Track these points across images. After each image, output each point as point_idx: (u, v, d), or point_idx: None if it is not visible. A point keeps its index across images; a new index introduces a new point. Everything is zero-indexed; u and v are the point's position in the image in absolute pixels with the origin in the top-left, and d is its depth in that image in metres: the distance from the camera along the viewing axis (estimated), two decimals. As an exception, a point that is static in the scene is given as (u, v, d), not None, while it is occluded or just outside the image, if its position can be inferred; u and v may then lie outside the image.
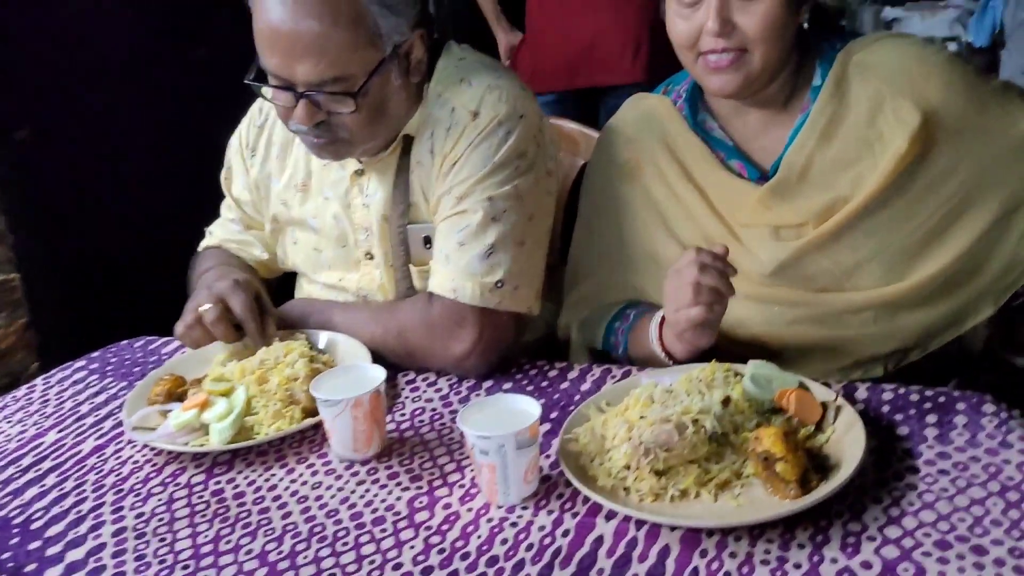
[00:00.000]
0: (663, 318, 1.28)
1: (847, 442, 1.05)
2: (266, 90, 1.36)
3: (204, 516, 1.12)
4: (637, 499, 1.03)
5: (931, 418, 1.12)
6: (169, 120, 2.82)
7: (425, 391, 1.36)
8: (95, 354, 1.62)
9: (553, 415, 1.25)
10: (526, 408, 1.08)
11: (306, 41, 1.27)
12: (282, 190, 1.57)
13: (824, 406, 1.11)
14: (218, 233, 1.69)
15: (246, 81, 1.38)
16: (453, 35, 1.57)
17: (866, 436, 1.04)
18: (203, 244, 1.70)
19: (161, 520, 1.13)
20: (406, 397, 1.35)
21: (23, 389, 1.53)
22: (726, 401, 1.08)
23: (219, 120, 1.67)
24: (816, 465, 1.03)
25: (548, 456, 1.15)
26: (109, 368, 1.56)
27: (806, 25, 1.34)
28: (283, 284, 1.72)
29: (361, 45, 1.30)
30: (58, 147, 2.68)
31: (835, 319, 1.31)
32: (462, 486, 1.12)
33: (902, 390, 1.20)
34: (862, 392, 1.21)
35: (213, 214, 1.72)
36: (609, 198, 1.49)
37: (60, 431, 1.37)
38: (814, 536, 0.96)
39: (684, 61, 1.34)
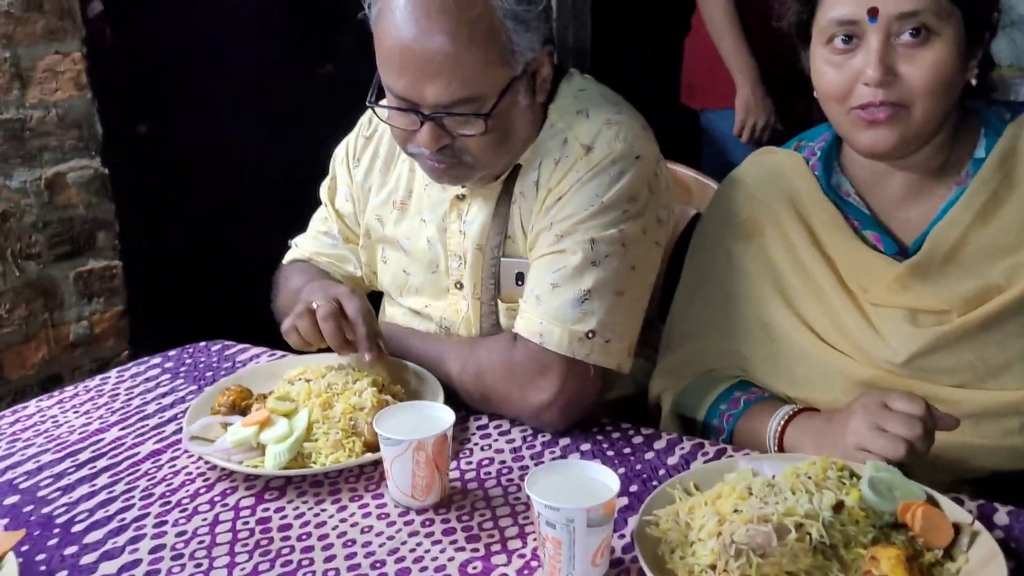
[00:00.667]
0: (789, 416, 1.18)
1: (989, 572, 0.89)
2: (386, 112, 1.29)
3: (246, 546, 1.05)
4: None
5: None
6: (286, 131, 2.85)
7: (496, 440, 1.27)
8: (172, 352, 1.59)
9: (633, 488, 1.13)
10: (604, 480, 0.97)
11: (438, 61, 1.19)
12: (379, 205, 1.51)
13: (957, 528, 0.95)
14: (306, 246, 1.62)
15: (368, 104, 1.31)
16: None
17: (1008, 573, 0.88)
18: (289, 256, 1.64)
19: (201, 543, 1.06)
20: (475, 444, 1.26)
21: (96, 379, 1.51)
22: (838, 506, 0.93)
23: (335, 136, 1.63)
24: None
25: (622, 536, 1.03)
26: (183, 369, 1.53)
27: (974, 81, 1.19)
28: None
29: (494, 63, 1.22)
30: (175, 145, 2.74)
31: (972, 423, 1.14)
32: (522, 556, 1.01)
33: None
34: (1002, 516, 1.04)
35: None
36: (721, 256, 1.36)
37: (123, 428, 1.34)
38: None
39: (831, 114, 1.21)
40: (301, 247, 1.63)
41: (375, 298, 1.63)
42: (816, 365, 1.25)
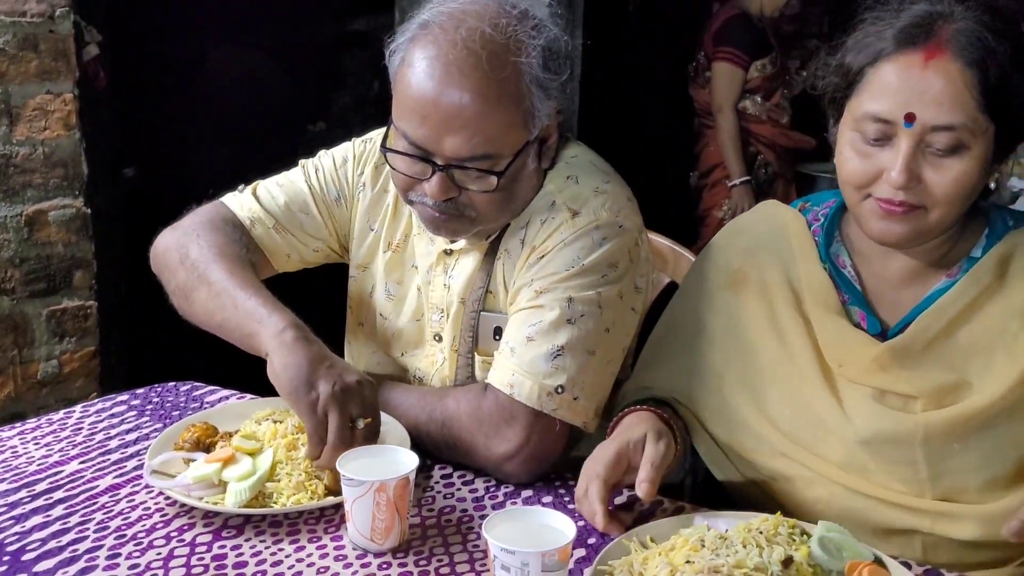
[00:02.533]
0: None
1: None
2: (398, 158, 1.30)
3: (198, 581, 1.04)
4: None
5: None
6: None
7: (460, 489, 1.27)
8: (140, 391, 1.58)
9: (591, 540, 1.14)
10: (560, 527, 0.98)
11: (465, 116, 1.22)
12: (373, 243, 1.50)
13: None
14: (254, 207, 1.48)
15: (382, 148, 1.32)
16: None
17: None
18: (227, 203, 1.51)
19: (153, 576, 1.05)
20: (438, 492, 1.26)
21: (61, 413, 1.50)
22: (787, 562, 0.95)
23: None
24: None
25: (577, 585, 1.04)
26: (150, 407, 1.52)
27: (993, 185, 1.21)
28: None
29: (516, 124, 1.26)
30: (161, 191, 2.76)
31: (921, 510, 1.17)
32: (477, 602, 1.01)
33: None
34: (946, 582, 1.06)
35: (285, 281, 1.55)
36: (704, 301, 1.38)
37: (83, 462, 1.33)
38: None
39: (848, 197, 1.21)
40: (251, 202, 1.49)
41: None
42: (751, 430, 1.28)
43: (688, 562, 0.95)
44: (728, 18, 3.59)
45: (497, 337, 1.39)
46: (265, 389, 1.33)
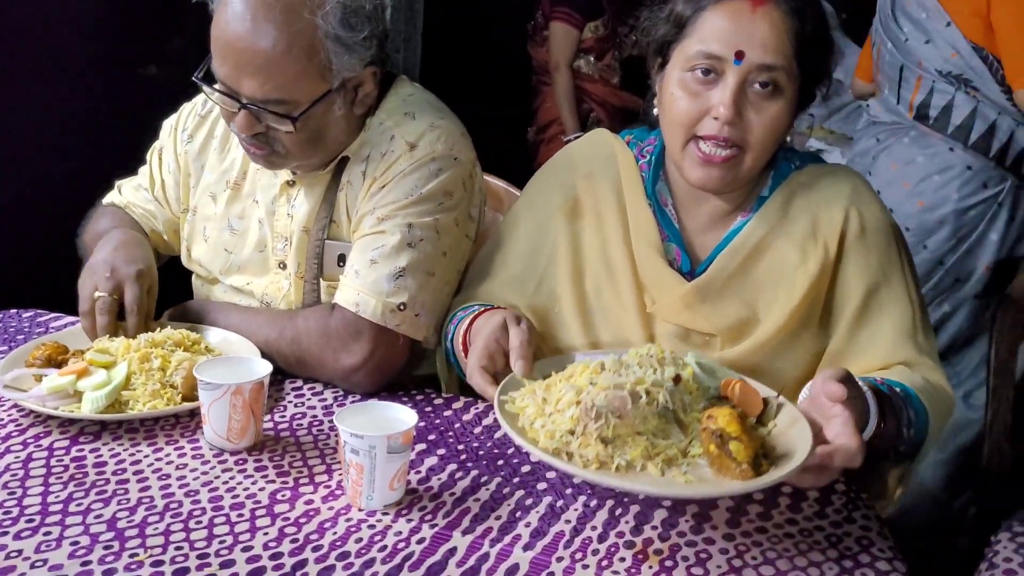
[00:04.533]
0: (471, 322, 1.30)
1: (793, 435, 1.06)
2: (210, 91, 1.39)
3: (60, 478, 1.10)
4: (581, 465, 1.02)
5: (787, 489, 1.17)
6: (101, 129, 2.80)
7: (309, 399, 1.37)
8: (-20, 318, 1.58)
9: (431, 437, 1.27)
10: (402, 417, 1.10)
11: (258, 61, 1.31)
12: (212, 183, 1.58)
13: (765, 402, 1.12)
14: (126, 194, 1.68)
15: (193, 78, 1.40)
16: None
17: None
18: (108, 198, 1.70)
19: (14, 475, 1.10)
20: (289, 402, 1.35)
21: None
22: (677, 379, 1.08)
23: (153, 138, 1.68)
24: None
25: (418, 471, 1.17)
26: (-9, 333, 1.52)
27: (789, 139, 1.35)
28: (180, 282, 1.71)
29: (310, 75, 1.35)
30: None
31: None
32: (328, 487, 1.12)
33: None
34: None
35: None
36: (542, 218, 1.43)
37: (-75, 383, 1.33)
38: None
39: (672, 140, 1.30)
40: (123, 193, 1.69)
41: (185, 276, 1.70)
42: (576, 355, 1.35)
43: (592, 383, 1.06)
44: (564, -21, 3.75)
45: (341, 264, 1.49)
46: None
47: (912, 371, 1.29)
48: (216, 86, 1.38)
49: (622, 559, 1.01)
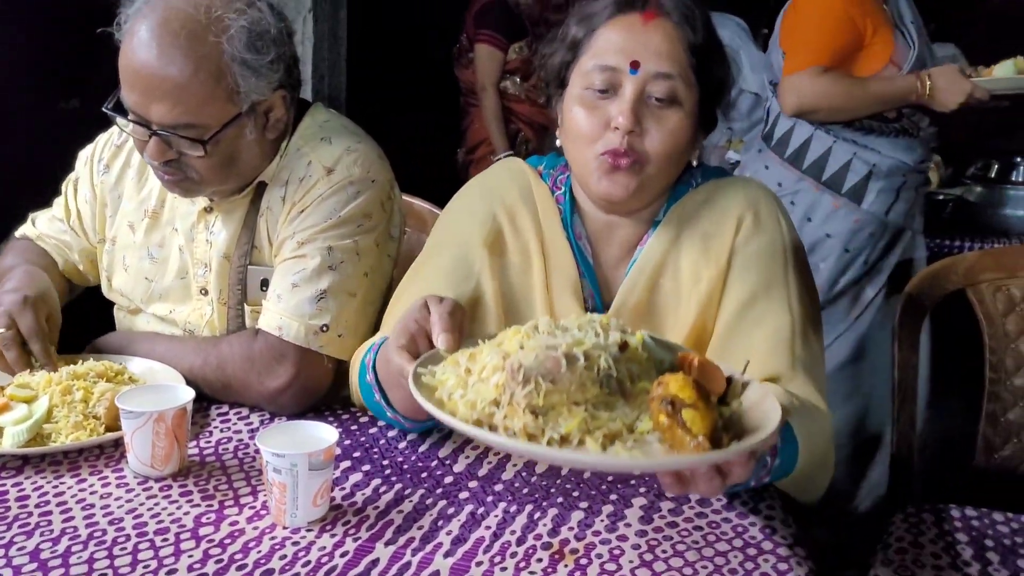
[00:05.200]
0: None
1: (762, 410, 0.94)
2: (122, 121, 1.41)
3: (-20, 514, 1.10)
4: (507, 439, 0.88)
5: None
6: (25, 160, 2.78)
7: (235, 423, 1.39)
8: None
9: (356, 454, 1.30)
10: (323, 435, 1.13)
11: (165, 87, 1.34)
12: (131, 212, 1.59)
13: (729, 379, 0.99)
14: (40, 225, 1.68)
15: (103, 109, 1.42)
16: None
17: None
18: (20, 231, 1.71)
19: (-68, 514, 1.10)
20: (215, 427, 1.37)
21: None
22: (623, 346, 0.93)
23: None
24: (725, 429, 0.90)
25: (343, 488, 1.19)
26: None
27: (695, 162, 1.35)
28: (101, 313, 1.71)
29: (218, 98, 1.37)
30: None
31: None
32: (253, 508, 1.14)
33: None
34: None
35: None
36: (461, 249, 1.36)
37: None
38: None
39: (576, 158, 1.30)
40: (36, 225, 1.69)
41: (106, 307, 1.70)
42: None
43: (522, 347, 0.92)
44: (486, 3, 3.83)
45: (264, 288, 1.51)
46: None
47: (782, 387, 1.22)
48: (127, 115, 1.40)
49: (539, 560, 1.05)
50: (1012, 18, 4.16)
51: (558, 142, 1.36)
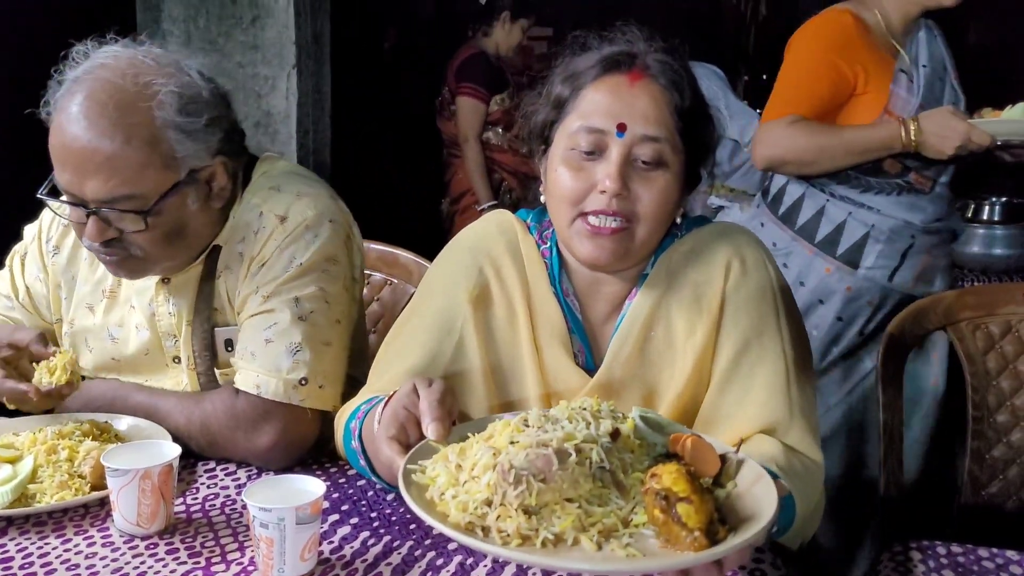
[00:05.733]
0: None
1: (757, 494, 0.93)
2: (57, 205, 1.39)
3: (-37, 578, 1.09)
4: (500, 542, 0.88)
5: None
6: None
7: (223, 479, 1.38)
8: None
9: (344, 507, 1.29)
10: (310, 488, 1.13)
11: (98, 159, 1.31)
12: (88, 295, 1.57)
13: (723, 459, 0.98)
14: None
15: (38, 195, 1.40)
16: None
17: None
18: None
19: (-85, 578, 1.09)
20: (202, 483, 1.36)
21: None
22: (615, 434, 0.94)
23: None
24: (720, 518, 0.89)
25: (331, 541, 1.19)
26: None
27: (679, 220, 1.33)
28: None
29: (154, 166, 1.34)
30: None
31: None
32: (240, 564, 1.14)
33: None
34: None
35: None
36: (444, 304, 1.35)
37: None
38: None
39: (559, 219, 1.29)
40: None
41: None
42: None
43: (513, 443, 0.91)
44: (468, 56, 3.91)
45: (229, 349, 1.50)
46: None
47: (779, 439, 1.24)
48: (61, 197, 1.37)
49: (529, 610, 1.05)
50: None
51: (542, 198, 1.35)
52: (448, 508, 0.92)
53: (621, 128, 1.23)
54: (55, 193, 1.38)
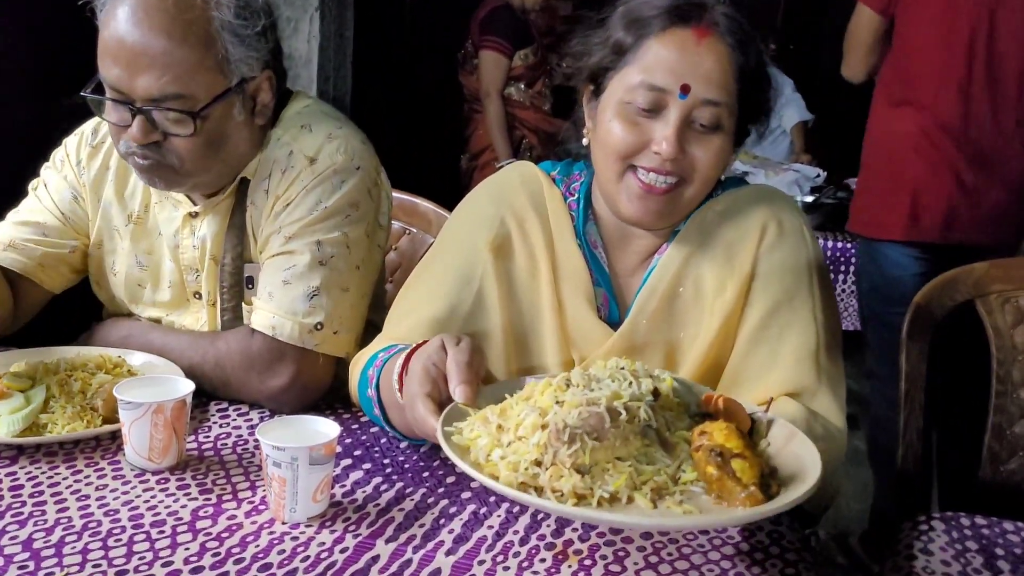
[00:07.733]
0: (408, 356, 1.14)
1: (795, 450, 0.94)
2: (104, 109, 1.36)
3: (-27, 503, 1.08)
4: (555, 501, 0.87)
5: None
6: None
7: (235, 419, 1.37)
8: None
9: (357, 452, 1.28)
10: (325, 429, 1.11)
11: (151, 54, 1.29)
12: (115, 217, 1.55)
13: (752, 417, 1.00)
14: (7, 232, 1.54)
15: (82, 94, 1.37)
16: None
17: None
18: None
19: (-76, 502, 1.08)
20: (214, 422, 1.35)
21: None
22: (656, 394, 0.94)
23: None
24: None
25: (344, 486, 1.17)
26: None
27: (723, 177, 1.32)
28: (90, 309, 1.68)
29: (207, 67, 1.33)
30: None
31: None
32: (251, 502, 1.12)
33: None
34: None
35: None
36: (467, 252, 1.34)
37: None
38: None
39: (606, 171, 1.25)
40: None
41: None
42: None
43: (559, 403, 0.91)
44: (493, 8, 3.83)
45: (250, 286, 1.48)
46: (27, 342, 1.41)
47: (805, 404, 1.22)
48: (107, 96, 1.34)
49: (543, 560, 1.03)
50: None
51: (585, 141, 1.32)
52: (497, 469, 0.91)
53: (685, 90, 1.19)
54: (99, 92, 1.35)
